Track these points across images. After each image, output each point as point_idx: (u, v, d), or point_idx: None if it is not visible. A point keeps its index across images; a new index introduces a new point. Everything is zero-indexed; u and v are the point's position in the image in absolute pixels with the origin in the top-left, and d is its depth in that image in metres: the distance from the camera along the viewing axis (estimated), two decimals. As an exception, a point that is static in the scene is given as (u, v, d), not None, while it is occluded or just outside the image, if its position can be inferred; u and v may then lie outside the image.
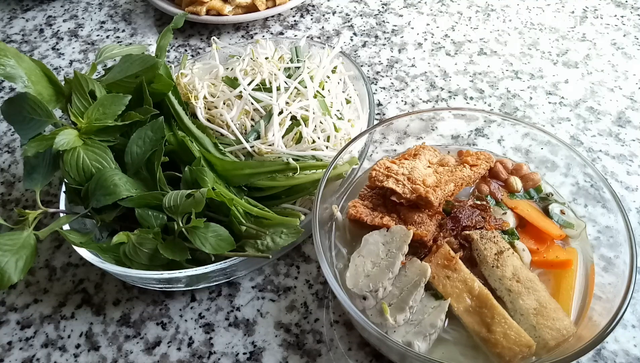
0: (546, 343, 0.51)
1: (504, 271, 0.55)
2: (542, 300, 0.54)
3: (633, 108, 0.87)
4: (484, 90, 0.91)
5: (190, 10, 1.03)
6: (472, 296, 0.54)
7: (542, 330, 0.52)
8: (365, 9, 1.10)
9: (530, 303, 0.53)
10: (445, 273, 0.55)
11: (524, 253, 0.58)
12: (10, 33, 1.11)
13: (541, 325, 0.52)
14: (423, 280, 0.55)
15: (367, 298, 0.55)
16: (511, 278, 0.55)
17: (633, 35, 1.01)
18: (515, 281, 0.54)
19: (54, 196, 0.78)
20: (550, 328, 0.52)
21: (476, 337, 0.53)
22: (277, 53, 0.82)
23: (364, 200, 0.64)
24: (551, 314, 0.53)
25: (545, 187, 0.66)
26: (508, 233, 0.60)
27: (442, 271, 0.55)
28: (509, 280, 0.55)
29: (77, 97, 0.63)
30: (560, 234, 0.60)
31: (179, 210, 0.58)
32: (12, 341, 0.64)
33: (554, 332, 0.52)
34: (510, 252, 0.56)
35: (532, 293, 0.54)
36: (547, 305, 0.53)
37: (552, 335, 0.52)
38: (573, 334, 0.52)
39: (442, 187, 0.60)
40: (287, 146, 0.71)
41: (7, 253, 0.55)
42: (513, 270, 0.55)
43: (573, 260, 0.59)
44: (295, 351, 0.61)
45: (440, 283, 0.55)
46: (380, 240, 0.58)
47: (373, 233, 0.59)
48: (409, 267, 0.56)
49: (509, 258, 0.56)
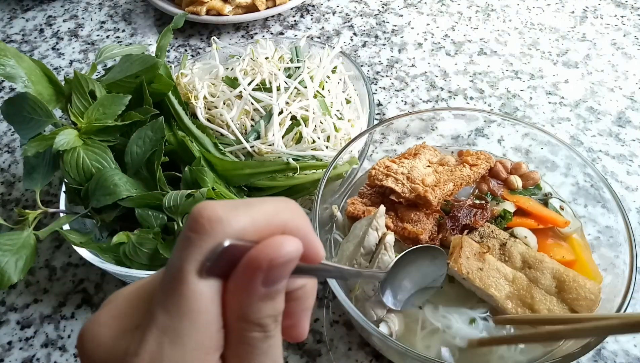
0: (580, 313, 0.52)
1: (513, 263, 0.55)
2: (558, 274, 0.54)
3: (633, 108, 0.87)
4: (484, 90, 0.91)
5: (190, 10, 1.03)
6: (508, 281, 0.54)
7: (571, 304, 0.52)
8: (365, 9, 1.10)
9: (549, 283, 0.54)
10: (478, 265, 0.55)
11: (528, 240, 0.58)
12: (10, 33, 1.11)
13: (567, 299, 0.53)
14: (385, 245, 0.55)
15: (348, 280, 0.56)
16: (522, 267, 0.55)
17: (633, 35, 1.01)
18: (527, 268, 0.55)
19: (54, 196, 0.78)
20: (577, 299, 0.52)
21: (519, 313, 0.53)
22: (277, 53, 0.82)
23: (363, 198, 0.64)
24: (572, 285, 0.53)
25: (545, 187, 0.66)
26: (501, 217, 0.60)
27: (473, 264, 0.55)
28: (521, 270, 0.55)
29: (77, 97, 0.63)
30: (565, 222, 0.60)
31: (179, 210, 0.58)
32: (12, 341, 0.64)
33: (581, 301, 0.52)
34: (513, 240, 0.57)
35: (547, 272, 0.54)
36: (565, 277, 0.54)
37: (581, 305, 0.52)
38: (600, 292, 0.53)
39: (441, 187, 0.61)
40: (287, 146, 0.71)
41: (7, 253, 0.55)
42: (521, 258, 0.56)
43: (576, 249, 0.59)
44: (295, 351, 0.61)
45: (477, 277, 0.54)
46: (365, 223, 0.59)
47: (361, 219, 0.60)
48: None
49: (513, 247, 0.56)
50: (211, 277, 0.25)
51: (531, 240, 0.58)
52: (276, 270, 0.25)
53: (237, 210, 0.25)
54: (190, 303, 0.24)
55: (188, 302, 0.24)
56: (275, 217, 0.26)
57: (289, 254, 0.25)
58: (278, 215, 0.27)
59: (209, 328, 0.25)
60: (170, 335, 0.24)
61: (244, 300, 0.25)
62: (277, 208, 0.27)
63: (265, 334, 0.26)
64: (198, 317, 0.24)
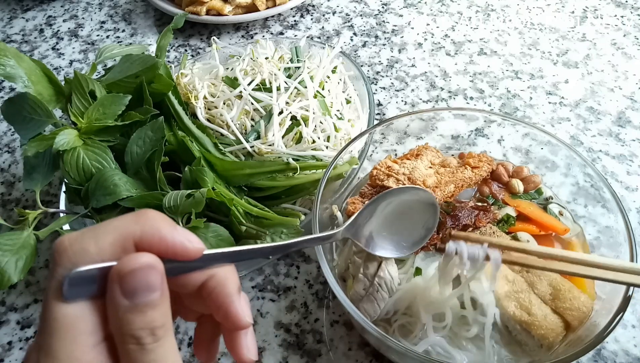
0: (570, 324, 0.52)
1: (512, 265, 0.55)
2: (555, 283, 0.54)
3: (633, 108, 0.87)
4: (484, 90, 0.91)
5: (190, 10, 1.03)
6: (508, 281, 0.54)
7: (563, 313, 0.52)
8: (365, 9, 1.10)
9: (544, 290, 0.54)
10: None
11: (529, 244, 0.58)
12: (10, 33, 1.11)
13: (560, 308, 0.53)
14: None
15: (346, 279, 0.56)
16: (520, 270, 0.55)
17: (633, 35, 1.01)
18: (525, 271, 0.55)
19: (54, 196, 0.79)
20: (570, 309, 0.52)
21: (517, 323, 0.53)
22: (277, 53, 0.82)
23: (364, 197, 0.64)
24: (567, 295, 0.53)
25: (546, 191, 0.66)
26: (504, 221, 0.60)
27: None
28: (519, 272, 0.55)
29: (77, 97, 0.63)
30: (564, 229, 0.60)
31: (179, 210, 0.58)
32: (12, 341, 0.64)
33: (574, 312, 0.52)
34: None
35: (544, 279, 0.54)
36: (560, 286, 0.54)
37: (573, 316, 0.52)
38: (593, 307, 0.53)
39: (442, 188, 0.61)
40: (287, 146, 0.71)
41: (7, 253, 0.55)
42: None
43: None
44: (295, 351, 0.61)
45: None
46: None
47: None
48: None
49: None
50: (78, 299, 0.29)
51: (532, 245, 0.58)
52: (127, 281, 0.28)
53: (81, 238, 0.29)
54: (54, 323, 0.28)
55: (52, 322, 0.28)
56: (122, 234, 0.29)
57: (130, 265, 0.28)
58: (126, 230, 0.29)
59: (81, 342, 0.28)
60: (44, 350, 0.28)
61: (111, 314, 0.29)
62: (122, 225, 0.30)
63: (141, 347, 0.29)
64: (65, 334, 0.28)
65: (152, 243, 0.30)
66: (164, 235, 0.30)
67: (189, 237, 0.31)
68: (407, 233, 0.52)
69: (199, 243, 0.32)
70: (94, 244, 0.29)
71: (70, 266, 0.29)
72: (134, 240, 0.30)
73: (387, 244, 0.51)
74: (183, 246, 0.31)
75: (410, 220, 0.52)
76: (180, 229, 0.31)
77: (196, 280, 0.33)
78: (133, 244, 0.30)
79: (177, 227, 0.31)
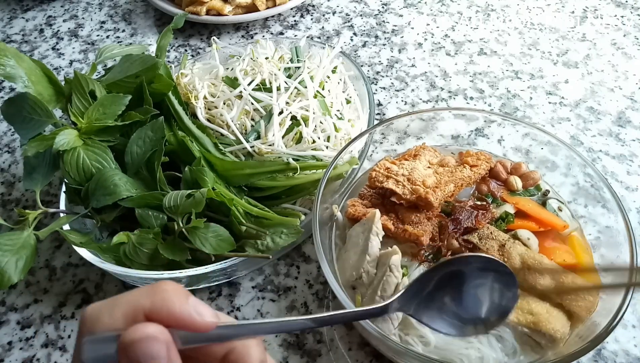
0: (577, 315, 0.52)
1: (512, 263, 0.55)
2: (557, 276, 0.54)
3: (633, 108, 0.87)
4: (484, 90, 0.91)
5: (190, 10, 1.03)
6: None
7: (569, 305, 0.53)
8: (365, 9, 1.10)
9: (548, 284, 0.54)
10: None
11: (529, 242, 0.58)
12: (10, 33, 1.11)
13: (566, 300, 0.53)
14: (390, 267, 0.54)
15: (356, 287, 0.56)
16: (521, 268, 0.55)
17: (633, 35, 1.01)
18: (526, 269, 0.55)
19: (54, 196, 0.79)
20: (575, 300, 0.53)
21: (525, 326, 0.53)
22: (277, 53, 0.82)
23: (364, 199, 0.64)
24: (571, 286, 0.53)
25: (544, 187, 0.66)
26: (502, 219, 0.60)
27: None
28: (520, 270, 0.55)
29: (77, 97, 0.63)
30: (563, 225, 0.60)
31: (179, 210, 0.58)
32: (12, 341, 0.64)
33: (580, 302, 0.52)
34: (512, 242, 0.57)
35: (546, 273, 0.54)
36: (564, 279, 0.54)
37: (580, 306, 0.52)
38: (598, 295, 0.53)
39: (442, 188, 0.61)
40: (287, 146, 0.71)
41: (7, 254, 0.55)
42: (520, 259, 0.56)
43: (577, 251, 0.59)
44: (295, 351, 0.61)
45: None
46: (360, 230, 0.58)
47: (354, 226, 0.60)
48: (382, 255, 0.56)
49: (512, 249, 0.56)
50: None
51: (533, 242, 0.58)
52: (130, 350, 0.29)
53: (99, 309, 0.32)
54: None
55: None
56: (133, 306, 0.31)
57: (132, 336, 0.30)
58: (137, 303, 0.31)
59: None
60: None
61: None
62: (134, 299, 0.32)
63: None
64: None
65: (161, 315, 0.31)
66: (171, 308, 0.31)
67: (200, 309, 0.32)
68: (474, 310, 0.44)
69: (211, 317, 0.32)
70: (107, 315, 0.31)
71: (88, 334, 0.31)
72: (144, 312, 0.31)
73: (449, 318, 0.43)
74: (191, 319, 0.31)
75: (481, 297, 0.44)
76: (192, 301, 0.32)
77: (216, 352, 0.33)
78: (143, 316, 0.31)
79: (189, 299, 0.32)
